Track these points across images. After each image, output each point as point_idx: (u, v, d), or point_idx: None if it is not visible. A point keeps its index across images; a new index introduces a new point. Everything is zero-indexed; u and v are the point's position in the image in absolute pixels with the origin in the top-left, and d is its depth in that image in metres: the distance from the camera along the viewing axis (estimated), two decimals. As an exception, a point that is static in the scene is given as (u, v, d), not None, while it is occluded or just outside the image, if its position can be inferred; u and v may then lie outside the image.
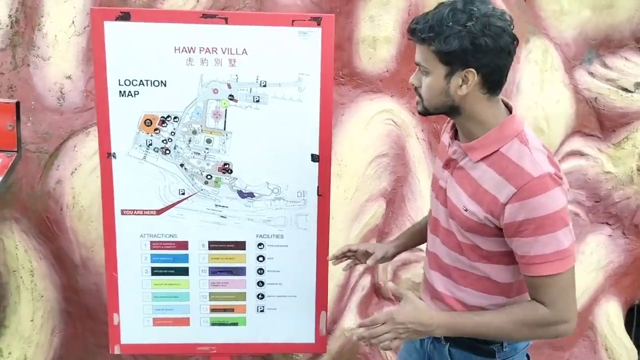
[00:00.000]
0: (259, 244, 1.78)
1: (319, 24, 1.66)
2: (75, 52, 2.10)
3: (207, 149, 1.71)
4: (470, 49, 1.23)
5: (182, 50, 1.64)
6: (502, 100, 1.36)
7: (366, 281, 2.29)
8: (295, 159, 1.71)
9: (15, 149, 1.89)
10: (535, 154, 1.27)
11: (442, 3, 1.29)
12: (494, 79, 1.28)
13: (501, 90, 1.33)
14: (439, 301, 1.45)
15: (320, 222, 1.77)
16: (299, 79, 1.68)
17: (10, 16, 2.08)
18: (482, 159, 1.31)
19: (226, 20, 1.63)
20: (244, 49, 1.65)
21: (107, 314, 1.86)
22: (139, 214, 1.72)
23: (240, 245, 1.77)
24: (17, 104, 1.89)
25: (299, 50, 1.66)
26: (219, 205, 1.73)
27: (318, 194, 1.75)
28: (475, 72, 1.25)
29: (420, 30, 1.27)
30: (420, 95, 1.33)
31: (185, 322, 1.79)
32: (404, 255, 2.03)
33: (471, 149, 1.33)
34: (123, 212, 1.71)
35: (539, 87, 2.32)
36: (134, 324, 1.78)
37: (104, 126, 1.66)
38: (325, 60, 1.68)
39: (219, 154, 1.71)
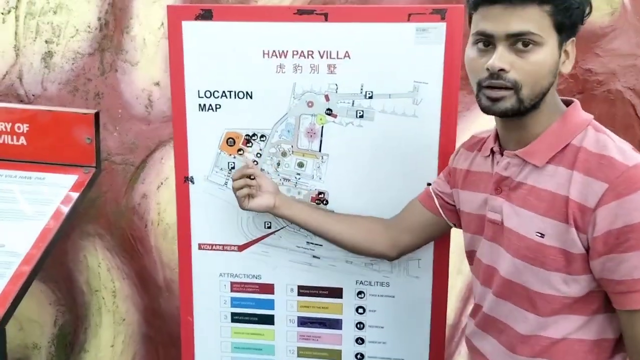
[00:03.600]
0: (359, 293, 1.45)
1: (443, 18, 1.29)
2: (164, 56, 1.91)
3: (298, 174, 1.41)
4: (587, 6, 1.00)
5: (272, 55, 1.35)
6: None
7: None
8: (407, 189, 1.36)
9: (94, 164, 1.72)
10: (618, 142, 1.00)
11: None
12: None
13: None
14: None
15: (436, 269, 1.40)
16: (414, 89, 1.33)
17: (99, 19, 1.93)
18: (550, 161, 1.02)
19: (326, 17, 1.32)
20: (347, 52, 1.33)
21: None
22: (218, 250, 1.46)
23: (335, 293, 1.45)
24: (97, 115, 1.71)
25: (416, 53, 1.31)
26: (311, 243, 1.43)
27: (435, 234, 1.38)
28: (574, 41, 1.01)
29: None
30: (515, 84, 0.97)
31: (269, 379, 1.51)
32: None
33: (532, 153, 1.04)
34: (200, 247, 1.46)
35: None
36: (210, 376, 1.53)
37: (181, 146, 1.42)
38: (450, 64, 1.31)
39: (312, 180, 1.41)
